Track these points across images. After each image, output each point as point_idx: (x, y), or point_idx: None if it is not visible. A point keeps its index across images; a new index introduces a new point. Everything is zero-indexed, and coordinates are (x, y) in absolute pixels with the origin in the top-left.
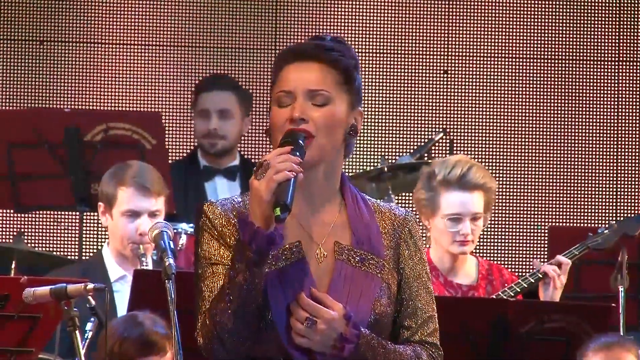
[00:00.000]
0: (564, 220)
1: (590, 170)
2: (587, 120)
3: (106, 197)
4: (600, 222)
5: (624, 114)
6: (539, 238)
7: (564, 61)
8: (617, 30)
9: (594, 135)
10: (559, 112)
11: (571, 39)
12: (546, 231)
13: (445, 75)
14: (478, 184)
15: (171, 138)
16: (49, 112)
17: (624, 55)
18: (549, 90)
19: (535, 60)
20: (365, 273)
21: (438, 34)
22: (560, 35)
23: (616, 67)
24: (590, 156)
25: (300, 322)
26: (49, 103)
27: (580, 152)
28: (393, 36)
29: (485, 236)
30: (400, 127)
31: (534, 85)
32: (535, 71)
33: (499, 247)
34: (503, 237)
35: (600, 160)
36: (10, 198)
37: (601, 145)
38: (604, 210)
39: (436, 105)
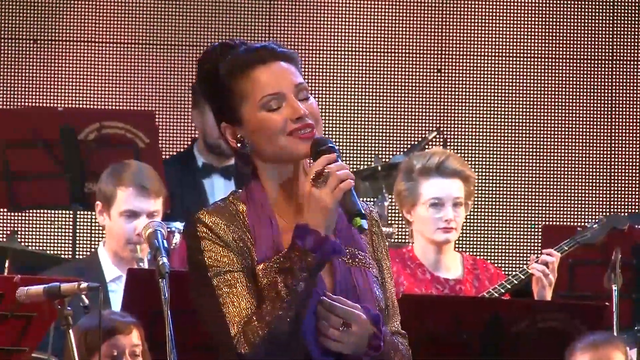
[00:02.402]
0: (557, 219)
1: (583, 169)
2: (580, 119)
3: (104, 196)
4: (593, 220)
5: (616, 113)
6: (532, 236)
7: (556, 60)
8: (610, 29)
9: (587, 134)
10: (552, 111)
11: (563, 38)
12: (539, 230)
13: (439, 74)
14: (457, 171)
15: (164, 137)
16: (43, 111)
17: (616, 54)
18: (542, 89)
19: (528, 59)
20: (359, 269)
21: (431, 33)
22: (553, 34)
23: (609, 66)
24: (583, 155)
25: (336, 327)
26: (42, 102)
27: (573, 151)
28: (386, 35)
29: (478, 234)
30: (394, 126)
31: (527, 84)
32: (528, 70)
33: (492, 246)
34: (496, 235)
35: (593, 158)
36: (5, 197)
37: (594, 144)
38: (596, 209)
39: (430, 104)
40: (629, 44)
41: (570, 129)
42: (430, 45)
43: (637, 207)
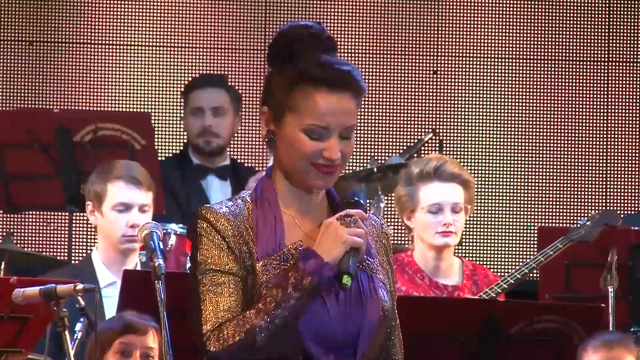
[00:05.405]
0: (553, 221)
1: (579, 171)
2: (577, 120)
3: (95, 194)
4: (585, 217)
5: (613, 114)
6: (527, 238)
7: (553, 61)
8: (607, 30)
9: (583, 135)
10: (549, 112)
11: (560, 39)
12: (535, 231)
13: (435, 76)
14: (454, 175)
15: (161, 139)
16: (39, 112)
17: (613, 55)
18: (538, 90)
19: (525, 60)
20: (365, 273)
21: (427, 34)
22: (550, 35)
23: (606, 67)
24: (579, 156)
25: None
26: (38, 104)
27: (569, 152)
28: (382, 36)
29: (474, 236)
30: (390, 127)
31: (524, 86)
32: (524, 71)
33: (488, 247)
34: (492, 237)
35: (589, 160)
36: (1, 198)
37: (590, 146)
38: (592, 210)
39: (426, 105)
40: (624, 45)
41: (566, 131)
42: (426, 47)
43: (632, 208)
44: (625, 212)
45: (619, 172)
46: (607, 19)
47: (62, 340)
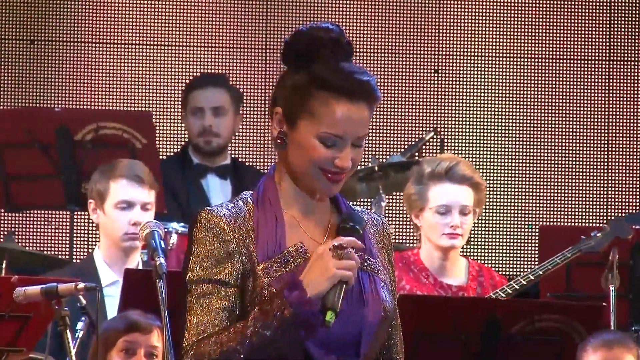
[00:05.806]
0: (555, 220)
1: (580, 170)
2: (578, 120)
3: (97, 192)
4: (590, 221)
5: (614, 113)
6: (529, 238)
7: (554, 60)
8: (607, 29)
9: (585, 134)
10: (550, 111)
11: (561, 38)
12: (537, 231)
13: (436, 75)
14: (466, 177)
15: (162, 138)
16: (40, 111)
17: (614, 54)
18: (539, 89)
19: (525, 60)
20: (367, 273)
21: (429, 33)
22: (551, 35)
23: (606, 66)
24: (581, 156)
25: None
26: (39, 103)
27: (571, 152)
28: (384, 35)
29: (475, 236)
30: (391, 126)
31: (525, 85)
32: (525, 71)
33: (490, 247)
34: (493, 236)
35: (591, 159)
36: (2, 198)
37: (592, 145)
38: (594, 210)
39: (427, 104)
40: (626, 44)
41: (567, 130)
42: (428, 46)
43: (634, 207)
44: (626, 211)
45: (620, 171)
46: (607, 18)
47: (64, 339)
